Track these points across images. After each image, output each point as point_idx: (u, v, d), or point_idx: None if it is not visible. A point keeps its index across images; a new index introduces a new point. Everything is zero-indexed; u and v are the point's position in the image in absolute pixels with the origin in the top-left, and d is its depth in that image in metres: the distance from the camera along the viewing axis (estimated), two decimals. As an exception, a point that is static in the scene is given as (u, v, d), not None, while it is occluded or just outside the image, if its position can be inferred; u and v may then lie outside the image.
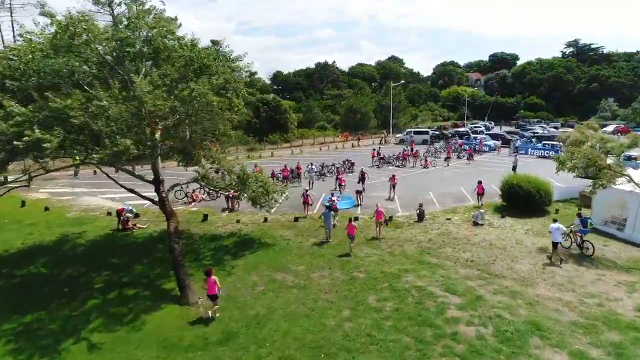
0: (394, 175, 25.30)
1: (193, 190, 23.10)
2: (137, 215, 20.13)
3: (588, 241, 16.29)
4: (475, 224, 19.73)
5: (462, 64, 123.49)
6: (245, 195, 16.38)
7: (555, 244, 15.48)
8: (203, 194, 23.50)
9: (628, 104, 74.57)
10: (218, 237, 18.09)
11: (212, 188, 16.77)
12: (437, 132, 54.93)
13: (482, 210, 20.27)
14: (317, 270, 14.83)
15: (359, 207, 22.79)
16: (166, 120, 13.14)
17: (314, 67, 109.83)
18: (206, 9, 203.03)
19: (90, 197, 23.45)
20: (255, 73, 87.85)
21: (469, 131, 60.35)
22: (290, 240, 17.72)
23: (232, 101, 14.05)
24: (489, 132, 51.64)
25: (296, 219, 20.06)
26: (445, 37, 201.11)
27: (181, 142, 15.96)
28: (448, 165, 35.63)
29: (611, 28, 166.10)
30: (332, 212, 18.73)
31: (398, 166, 35.55)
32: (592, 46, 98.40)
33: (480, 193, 22.86)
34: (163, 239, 17.91)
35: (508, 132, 52.18)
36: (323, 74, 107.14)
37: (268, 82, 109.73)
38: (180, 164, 17.41)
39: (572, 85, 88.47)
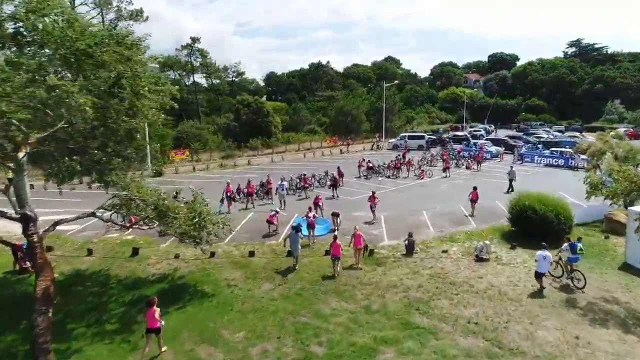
0: (373, 193, 20.87)
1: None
2: (49, 249, 15.82)
3: (578, 271, 13.43)
4: (479, 258, 15.56)
5: (460, 64, 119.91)
6: (170, 231, 12.11)
7: (539, 275, 13.07)
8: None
9: (634, 106, 70.81)
10: (142, 282, 13.80)
11: (119, 223, 12.52)
12: (434, 137, 50.83)
13: (487, 242, 16.05)
14: (260, 341, 10.58)
15: (336, 232, 18.56)
16: (32, 131, 8.93)
17: (308, 67, 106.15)
18: (205, 10, 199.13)
19: (4, 223, 19.06)
20: (243, 73, 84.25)
21: (468, 135, 56.39)
22: (237, 286, 13.46)
23: (133, 103, 9.77)
24: (490, 137, 47.51)
25: (251, 254, 15.81)
26: (445, 38, 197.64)
27: (89, 160, 11.74)
28: (447, 176, 31.39)
29: (611, 28, 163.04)
30: (300, 233, 15.33)
31: (389, 177, 31.37)
32: (596, 46, 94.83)
33: (475, 200, 21.13)
34: (72, 284, 13.69)
35: (510, 137, 48.06)
36: (317, 74, 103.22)
37: (262, 83, 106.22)
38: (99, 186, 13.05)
39: (575, 86, 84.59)
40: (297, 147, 46.68)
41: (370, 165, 31.37)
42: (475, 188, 21.40)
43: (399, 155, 33.81)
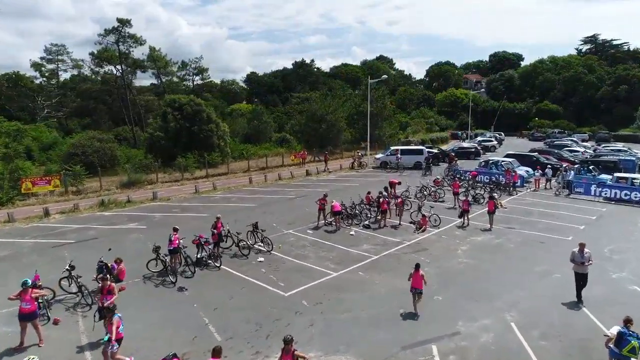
0: (290, 347, 7.07)
1: None
2: None
3: None
4: None
5: (459, 64, 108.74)
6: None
7: None
8: None
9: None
10: None
11: None
12: (436, 151, 38.46)
13: None
14: None
15: None
16: None
17: (292, 66, 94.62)
18: (195, 13, 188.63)
19: None
20: (206, 70, 72.13)
21: (478, 147, 44.25)
22: None
23: None
24: (512, 153, 35.05)
25: None
26: (440, 43, 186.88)
27: None
28: (464, 225, 18.75)
29: (612, 28, 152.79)
30: None
31: (368, 226, 18.85)
32: (614, 42, 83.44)
33: (492, 211, 17.70)
34: None
35: (539, 152, 35.77)
36: (301, 74, 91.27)
37: (244, 85, 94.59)
38: None
39: (594, 87, 72.96)
40: (247, 165, 33.82)
41: (339, 208, 18.70)
42: (491, 197, 18.48)
43: (382, 193, 19.99)
